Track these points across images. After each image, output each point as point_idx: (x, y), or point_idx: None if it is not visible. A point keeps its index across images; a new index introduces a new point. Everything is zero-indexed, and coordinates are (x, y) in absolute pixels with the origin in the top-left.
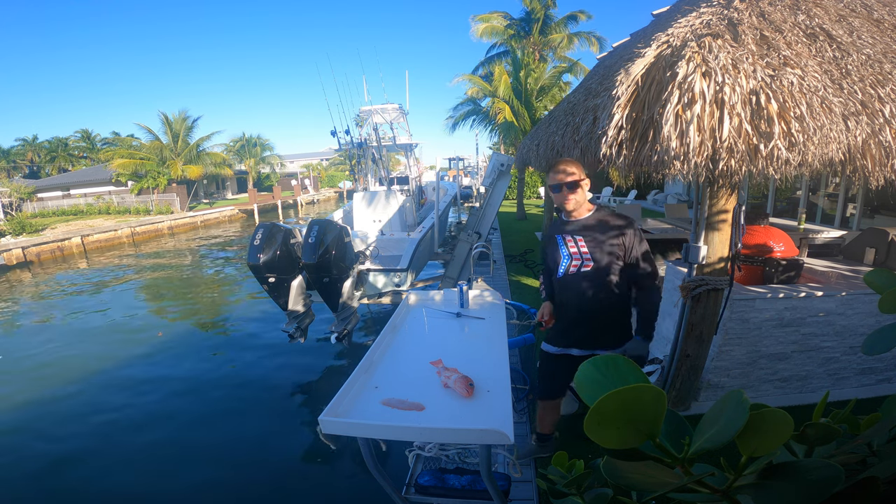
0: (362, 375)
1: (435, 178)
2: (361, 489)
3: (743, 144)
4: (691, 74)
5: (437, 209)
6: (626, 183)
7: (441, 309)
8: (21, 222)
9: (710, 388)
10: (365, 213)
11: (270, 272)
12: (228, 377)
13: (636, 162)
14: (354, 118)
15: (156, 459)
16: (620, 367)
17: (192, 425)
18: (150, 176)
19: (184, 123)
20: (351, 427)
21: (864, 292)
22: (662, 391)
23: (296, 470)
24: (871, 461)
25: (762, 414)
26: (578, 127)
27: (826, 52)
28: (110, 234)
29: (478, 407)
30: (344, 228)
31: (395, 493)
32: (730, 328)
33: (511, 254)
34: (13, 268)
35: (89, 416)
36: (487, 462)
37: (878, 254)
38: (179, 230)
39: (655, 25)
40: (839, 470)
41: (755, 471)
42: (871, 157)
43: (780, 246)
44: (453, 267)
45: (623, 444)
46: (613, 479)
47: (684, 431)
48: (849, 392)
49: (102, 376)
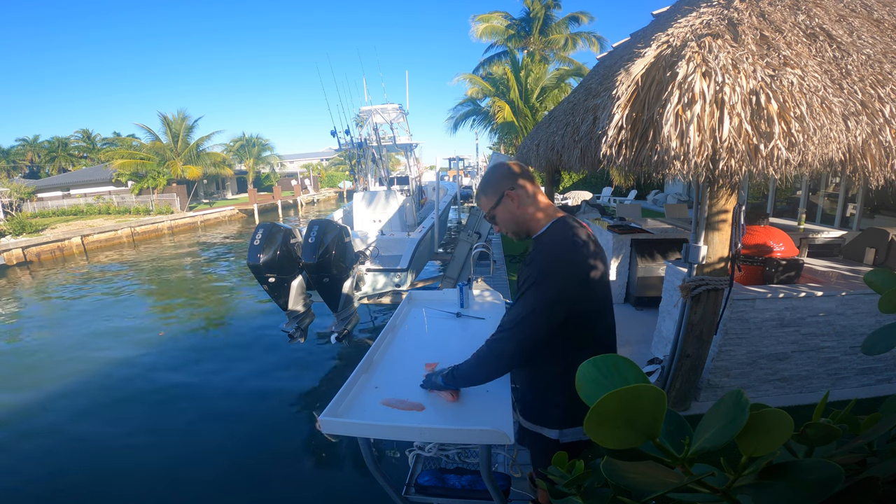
0: (362, 375)
1: (435, 178)
2: (361, 489)
3: (743, 144)
4: (691, 74)
5: (437, 209)
6: (626, 183)
7: (441, 309)
8: (21, 222)
9: (710, 388)
10: (365, 213)
11: (270, 272)
12: (228, 377)
13: (636, 162)
14: (354, 118)
15: (155, 458)
16: (620, 367)
17: (192, 424)
18: (150, 176)
19: (184, 123)
20: (351, 427)
21: (864, 292)
22: (662, 391)
23: (296, 470)
24: (871, 461)
25: (762, 414)
26: (578, 127)
27: (826, 52)
28: (110, 234)
29: (478, 407)
30: (344, 228)
31: (395, 493)
32: (730, 328)
33: (511, 254)
34: (13, 267)
35: (90, 415)
36: (487, 462)
37: (878, 254)
38: (179, 230)
39: (655, 25)
40: (839, 470)
41: (755, 471)
42: (871, 157)
43: (780, 246)
44: (453, 267)
45: (623, 444)
46: (613, 479)
47: (684, 431)
48: (849, 392)
49: (103, 375)
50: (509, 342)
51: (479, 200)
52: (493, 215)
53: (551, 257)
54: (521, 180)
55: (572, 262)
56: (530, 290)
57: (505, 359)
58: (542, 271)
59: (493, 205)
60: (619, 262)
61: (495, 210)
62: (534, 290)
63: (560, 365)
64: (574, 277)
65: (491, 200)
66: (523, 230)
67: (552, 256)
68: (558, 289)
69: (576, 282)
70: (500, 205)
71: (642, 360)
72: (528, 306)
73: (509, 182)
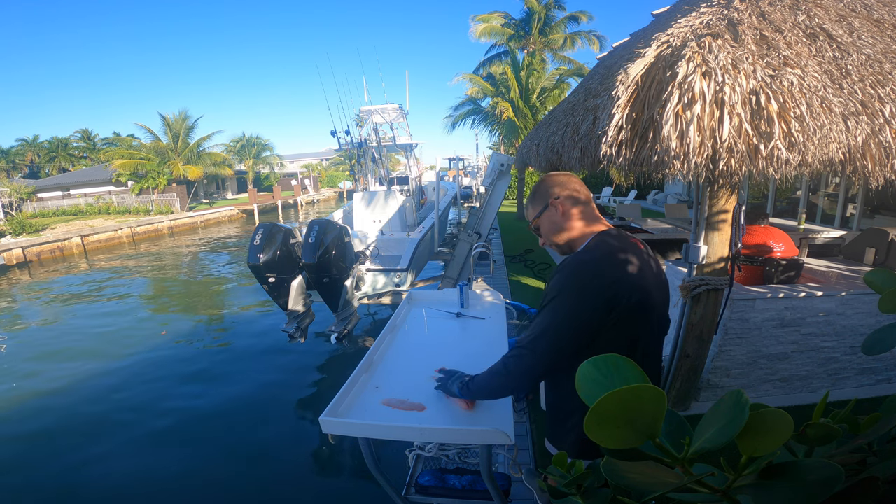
0: (362, 375)
1: (435, 178)
2: (361, 489)
3: (743, 144)
4: (691, 74)
5: (437, 209)
6: (626, 183)
7: (441, 309)
8: (21, 222)
9: (710, 388)
10: (365, 213)
11: (270, 272)
12: (228, 377)
13: (636, 162)
14: (354, 118)
15: (155, 458)
16: (620, 367)
17: (192, 424)
18: (151, 176)
19: (184, 123)
20: (351, 427)
21: (864, 292)
22: (662, 391)
23: (296, 470)
24: (871, 461)
25: (762, 414)
26: (578, 127)
27: (826, 52)
28: (110, 234)
29: (478, 407)
30: (344, 228)
31: (395, 493)
32: (730, 328)
33: (511, 254)
34: (13, 268)
35: (90, 414)
36: (488, 462)
37: (878, 254)
38: (179, 230)
39: (655, 25)
40: (839, 470)
41: (755, 471)
42: (871, 157)
43: (780, 246)
44: (453, 267)
45: (623, 444)
46: (613, 479)
47: (684, 431)
48: (849, 392)
49: (105, 374)
50: (523, 360)
51: (527, 210)
52: (538, 225)
53: (577, 271)
54: (570, 191)
55: (599, 277)
56: (548, 305)
57: (518, 378)
58: (562, 286)
59: (538, 214)
60: None
61: (539, 219)
62: (552, 306)
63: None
64: (599, 296)
65: (536, 209)
66: (566, 243)
67: (577, 270)
68: (579, 306)
69: (601, 300)
70: (545, 214)
71: None
72: (544, 323)
73: (557, 191)
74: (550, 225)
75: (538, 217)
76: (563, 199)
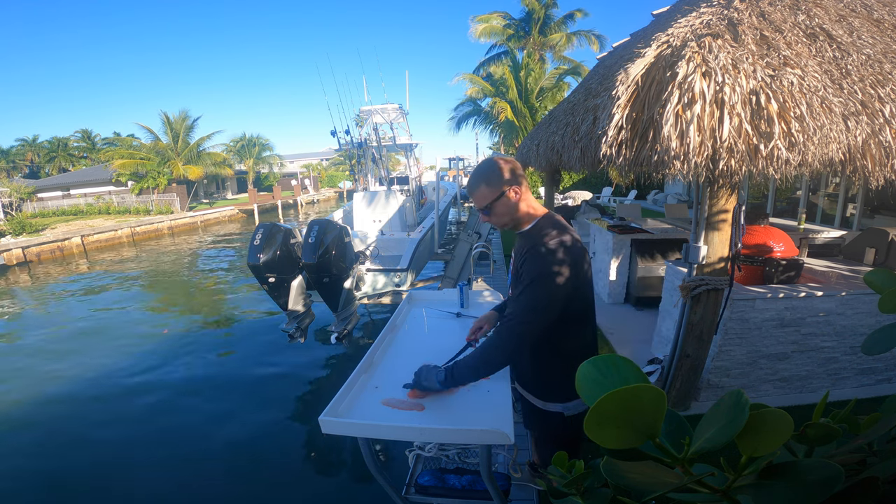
0: (362, 375)
1: (435, 178)
2: (361, 489)
3: (743, 144)
4: (691, 74)
5: (437, 209)
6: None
7: (441, 309)
8: (21, 222)
9: (710, 388)
10: (365, 213)
11: (270, 272)
12: (228, 377)
13: (636, 162)
14: (354, 118)
15: (154, 458)
16: (620, 367)
17: (192, 424)
18: (151, 176)
19: (184, 123)
20: (351, 427)
21: (864, 292)
22: (662, 391)
23: (295, 470)
24: (871, 461)
25: (762, 414)
26: (578, 127)
27: (826, 52)
28: (110, 234)
29: (478, 407)
30: (344, 228)
31: (395, 493)
32: (730, 328)
33: (511, 254)
34: (13, 268)
35: (89, 415)
36: (487, 462)
37: (878, 254)
38: (179, 230)
39: (655, 25)
40: (839, 470)
41: (755, 471)
42: (871, 157)
43: (780, 246)
44: (453, 267)
45: (623, 444)
46: (613, 479)
47: (684, 431)
48: (849, 392)
49: (106, 374)
50: (518, 328)
51: (478, 190)
52: (491, 207)
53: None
54: (522, 178)
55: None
56: (530, 287)
57: (508, 351)
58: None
59: (495, 198)
60: (619, 261)
61: (495, 203)
62: (533, 288)
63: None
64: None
65: (493, 193)
66: (515, 224)
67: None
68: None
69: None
70: (501, 199)
71: (642, 360)
72: (534, 299)
73: (512, 179)
74: (505, 209)
75: (495, 202)
76: (516, 186)
